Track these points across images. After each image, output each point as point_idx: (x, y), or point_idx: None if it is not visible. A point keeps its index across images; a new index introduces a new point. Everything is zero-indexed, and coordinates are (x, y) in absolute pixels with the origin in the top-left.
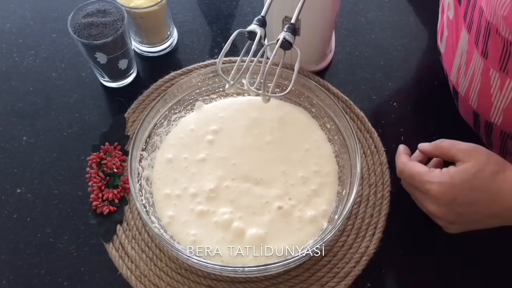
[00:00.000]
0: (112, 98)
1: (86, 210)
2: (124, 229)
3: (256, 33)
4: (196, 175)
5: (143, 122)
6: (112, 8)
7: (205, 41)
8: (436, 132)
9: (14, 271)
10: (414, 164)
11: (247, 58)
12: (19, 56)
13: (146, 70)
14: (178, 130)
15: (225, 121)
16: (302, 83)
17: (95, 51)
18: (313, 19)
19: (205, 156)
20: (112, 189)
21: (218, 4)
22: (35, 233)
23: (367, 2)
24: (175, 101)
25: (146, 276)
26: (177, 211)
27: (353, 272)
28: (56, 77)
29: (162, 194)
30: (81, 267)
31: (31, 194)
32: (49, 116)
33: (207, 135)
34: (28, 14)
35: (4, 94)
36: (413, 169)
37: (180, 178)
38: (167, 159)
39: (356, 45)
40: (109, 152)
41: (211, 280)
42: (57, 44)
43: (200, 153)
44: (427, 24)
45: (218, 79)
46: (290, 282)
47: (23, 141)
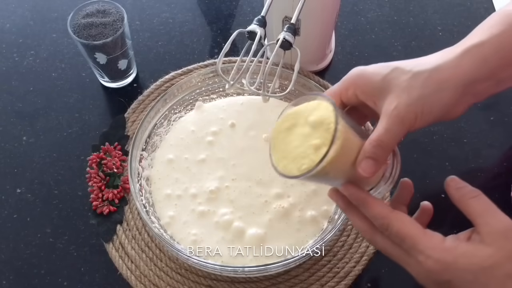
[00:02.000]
0: (112, 98)
1: (86, 210)
2: (124, 229)
3: (256, 33)
4: (196, 175)
5: (143, 122)
6: (112, 8)
7: (205, 41)
8: (436, 131)
9: (14, 271)
10: (404, 221)
11: (247, 58)
12: (19, 56)
13: (146, 70)
14: (179, 131)
15: (225, 122)
16: (302, 83)
17: (95, 52)
18: (313, 19)
19: (205, 157)
20: (112, 189)
21: (218, 4)
22: (35, 233)
23: (367, 2)
24: (175, 101)
25: (146, 276)
26: (178, 211)
27: (353, 272)
28: (56, 77)
29: (162, 194)
30: (81, 267)
31: (31, 194)
32: (49, 116)
33: (207, 136)
34: (28, 14)
35: (4, 94)
36: (403, 229)
37: (181, 178)
38: (168, 159)
39: (356, 45)
40: (109, 152)
41: (211, 280)
42: (57, 44)
43: (200, 153)
44: (427, 24)
45: (218, 79)
46: (290, 282)
47: (23, 141)
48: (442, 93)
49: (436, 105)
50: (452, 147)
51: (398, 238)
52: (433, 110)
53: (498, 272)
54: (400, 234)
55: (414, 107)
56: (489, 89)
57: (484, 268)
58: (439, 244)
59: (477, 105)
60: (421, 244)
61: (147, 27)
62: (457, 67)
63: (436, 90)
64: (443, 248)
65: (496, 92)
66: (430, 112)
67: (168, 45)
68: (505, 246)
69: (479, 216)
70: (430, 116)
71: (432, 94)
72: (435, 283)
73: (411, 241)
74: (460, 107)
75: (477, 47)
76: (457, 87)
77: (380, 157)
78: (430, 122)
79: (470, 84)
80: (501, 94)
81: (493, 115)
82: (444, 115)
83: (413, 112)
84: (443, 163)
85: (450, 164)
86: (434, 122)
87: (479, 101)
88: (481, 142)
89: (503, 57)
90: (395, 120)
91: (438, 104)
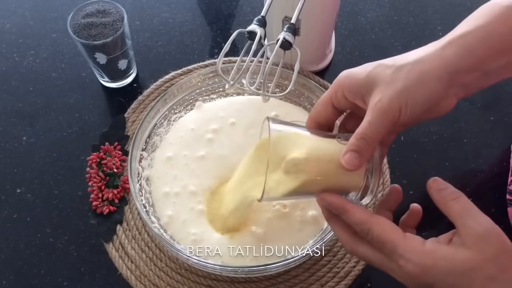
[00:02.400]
0: (112, 98)
1: (86, 210)
2: (124, 229)
3: (256, 33)
4: (195, 171)
5: (143, 122)
6: (112, 8)
7: (205, 41)
8: (436, 131)
9: (14, 271)
10: (385, 226)
11: (247, 58)
12: (19, 56)
13: (146, 70)
14: (179, 129)
15: (225, 120)
16: (302, 83)
17: (95, 52)
18: (313, 19)
19: (205, 154)
20: (112, 189)
21: (218, 4)
22: (35, 233)
23: (367, 2)
24: (175, 101)
25: (146, 276)
26: (177, 210)
27: (353, 272)
28: (56, 77)
29: (161, 193)
30: (81, 267)
31: (31, 194)
32: (49, 116)
33: (207, 134)
34: (28, 14)
35: (4, 94)
36: (383, 234)
37: (179, 175)
38: (167, 157)
39: (356, 45)
40: (109, 152)
41: (211, 280)
42: (57, 44)
43: (200, 150)
44: (427, 24)
45: (218, 79)
46: (290, 282)
47: (23, 141)
48: (425, 84)
49: (421, 96)
50: (452, 147)
51: (379, 243)
52: (418, 101)
53: (478, 274)
54: (381, 238)
55: (397, 99)
56: (477, 81)
57: (464, 271)
58: (419, 247)
59: (477, 105)
60: (401, 248)
61: (147, 27)
62: (440, 57)
63: (419, 81)
64: (423, 251)
65: (487, 85)
66: (415, 104)
67: (168, 45)
68: (485, 248)
69: (459, 218)
70: (415, 108)
71: (415, 85)
72: (418, 287)
73: (391, 245)
74: (449, 100)
75: (460, 38)
76: (440, 77)
77: (364, 151)
78: (418, 115)
79: (454, 74)
80: (501, 94)
81: (493, 115)
82: (432, 109)
83: (396, 104)
84: (443, 163)
85: (450, 164)
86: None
87: (470, 95)
88: (481, 142)
89: (490, 47)
90: (378, 113)
91: (422, 95)
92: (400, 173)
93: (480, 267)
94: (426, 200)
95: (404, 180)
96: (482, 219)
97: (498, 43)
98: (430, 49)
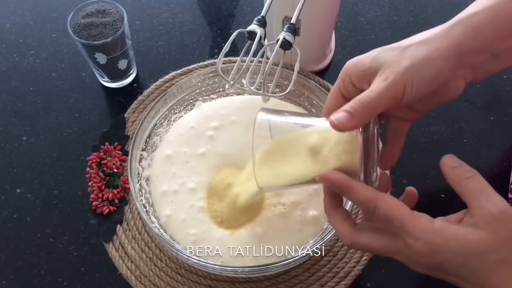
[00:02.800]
0: (112, 98)
1: (86, 210)
2: (124, 229)
3: (256, 33)
4: (196, 168)
5: (143, 122)
6: (112, 8)
7: (205, 41)
8: (436, 131)
9: (14, 271)
10: (391, 203)
11: (247, 58)
12: (19, 56)
13: (146, 70)
14: (178, 128)
15: (225, 118)
16: (302, 83)
17: (95, 52)
18: (313, 19)
19: (205, 151)
20: (112, 189)
21: (218, 4)
22: (35, 233)
23: (367, 2)
24: (175, 101)
25: (146, 276)
26: (174, 209)
27: (353, 272)
28: (56, 77)
29: (159, 192)
30: (81, 267)
31: (31, 194)
32: (49, 116)
33: (208, 131)
34: (28, 14)
35: (4, 94)
36: (390, 211)
37: (178, 173)
38: (166, 155)
39: (356, 45)
40: (109, 152)
41: (211, 280)
42: (57, 44)
43: (200, 147)
44: (427, 24)
45: (218, 79)
46: (290, 282)
47: (23, 141)
48: (432, 62)
49: (427, 74)
50: (452, 147)
51: (386, 221)
52: (425, 80)
53: (490, 257)
54: (388, 215)
55: (403, 75)
56: (486, 63)
57: (476, 252)
58: (428, 225)
59: (477, 105)
60: (409, 225)
61: (147, 27)
62: (448, 37)
63: (426, 60)
64: (432, 229)
65: (495, 70)
66: (421, 82)
67: (168, 45)
68: (499, 230)
69: (473, 198)
70: (422, 86)
71: (422, 63)
72: (426, 267)
73: (399, 222)
74: (457, 82)
75: (469, 18)
76: (448, 56)
77: (357, 113)
78: (424, 95)
79: (463, 54)
80: (501, 94)
81: (493, 115)
82: (441, 91)
83: (401, 81)
84: None
85: None
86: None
87: (478, 80)
88: (481, 142)
89: (498, 28)
90: (381, 85)
91: (429, 74)
92: (400, 173)
93: (493, 249)
94: (426, 200)
95: (404, 180)
96: (497, 200)
97: (507, 25)
98: (438, 29)
